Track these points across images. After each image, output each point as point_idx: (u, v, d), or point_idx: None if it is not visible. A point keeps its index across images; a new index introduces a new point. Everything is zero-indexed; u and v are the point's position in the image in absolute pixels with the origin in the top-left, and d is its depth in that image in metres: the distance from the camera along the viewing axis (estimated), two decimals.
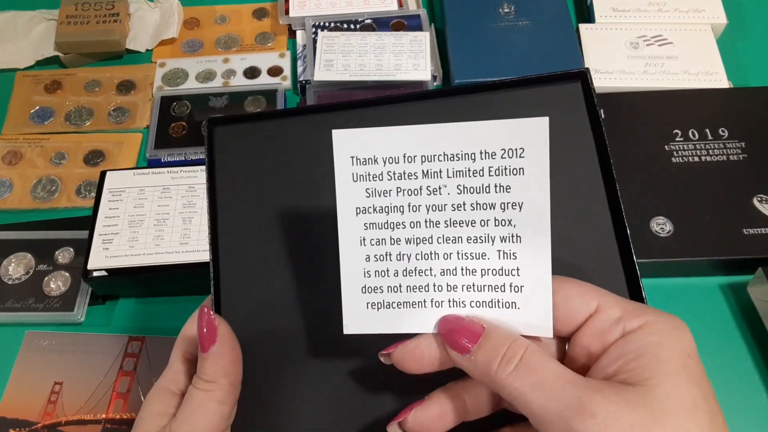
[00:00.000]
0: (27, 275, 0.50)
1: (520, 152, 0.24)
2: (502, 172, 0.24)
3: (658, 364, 0.22)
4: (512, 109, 0.31)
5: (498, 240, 0.24)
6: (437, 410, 0.26)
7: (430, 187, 0.25)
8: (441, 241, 0.25)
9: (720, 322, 0.48)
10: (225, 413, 0.28)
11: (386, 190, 0.25)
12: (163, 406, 0.29)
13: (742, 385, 0.45)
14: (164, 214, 0.49)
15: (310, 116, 0.33)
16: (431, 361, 0.25)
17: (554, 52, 0.60)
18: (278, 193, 0.32)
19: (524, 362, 0.23)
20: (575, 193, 0.30)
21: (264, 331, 0.31)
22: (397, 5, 0.66)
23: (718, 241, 0.48)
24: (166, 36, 0.67)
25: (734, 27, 0.65)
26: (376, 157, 0.25)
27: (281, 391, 0.30)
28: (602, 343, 0.24)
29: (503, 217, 0.24)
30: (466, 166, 0.24)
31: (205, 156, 0.33)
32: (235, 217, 0.32)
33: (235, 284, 0.32)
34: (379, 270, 0.25)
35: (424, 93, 0.32)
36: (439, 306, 0.25)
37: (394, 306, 0.25)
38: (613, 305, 0.24)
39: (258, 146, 0.33)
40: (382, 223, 0.25)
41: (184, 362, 0.30)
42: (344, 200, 0.25)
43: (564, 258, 0.29)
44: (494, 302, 0.25)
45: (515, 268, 0.25)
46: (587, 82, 0.31)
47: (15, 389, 0.46)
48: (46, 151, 0.59)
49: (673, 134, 0.54)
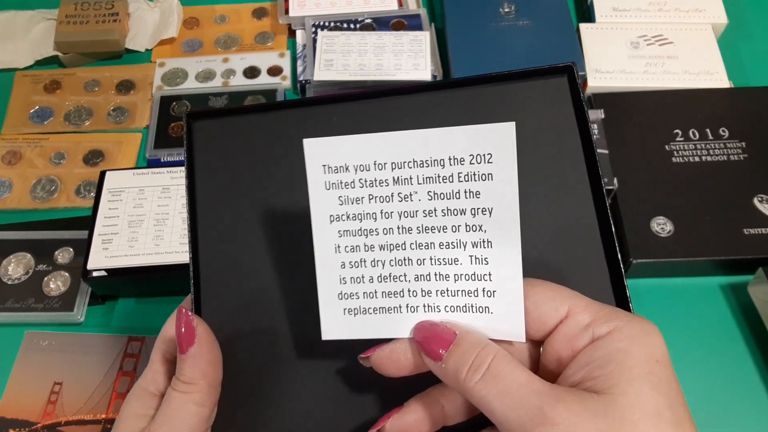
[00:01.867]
0: (27, 275, 0.50)
1: (488, 158, 0.24)
2: (471, 177, 0.24)
3: (622, 371, 0.21)
4: (499, 103, 0.31)
5: (470, 245, 0.25)
6: (415, 417, 0.26)
7: (402, 193, 0.25)
8: (414, 247, 0.25)
9: (720, 323, 0.48)
10: (204, 415, 0.27)
11: (358, 197, 0.25)
12: (142, 407, 0.29)
13: (742, 385, 0.45)
14: (164, 214, 0.49)
15: (294, 110, 0.32)
16: (407, 364, 0.25)
17: (554, 52, 0.60)
18: (261, 190, 0.32)
19: (491, 371, 0.23)
20: (560, 190, 0.30)
21: (245, 332, 0.31)
22: (397, 5, 0.66)
23: (718, 241, 0.48)
24: (165, 36, 0.67)
25: (735, 27, 0.65)
26: (347, 165, 0.25)
27: (263, 393, 0.30)
28: (572, 349, 0.24)
29: (474, 222, 0.24)
30: (436, 172, 0.24)
31: (184, 151, 0.32)
32: (215, 214, 0.32)
33: (215, 283, 0.31)
34: (355, 276, 0.26)
35: (409, 87, 0.32)
36: (415, 311, 0.25)
37: (371, 312, 0.26)
38: (582, 310, 0.24)
39: (239, 141, 0.32)
40: (355, 230, 0.25)
41: (164, 363, 0.30)
42: (318, 208, 0.25)
43: (547, 258, 0.29)
44: (467, 307, 0.25)
45: (487, 273, 0.25)
46: (573, 76, 0.31)
47: (15, 389, 0.46)
48: (46, 151, 0.59)
49: (673, 134, 0.54)
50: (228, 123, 0.33)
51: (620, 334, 0.23)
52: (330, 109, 0.32)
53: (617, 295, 0.29)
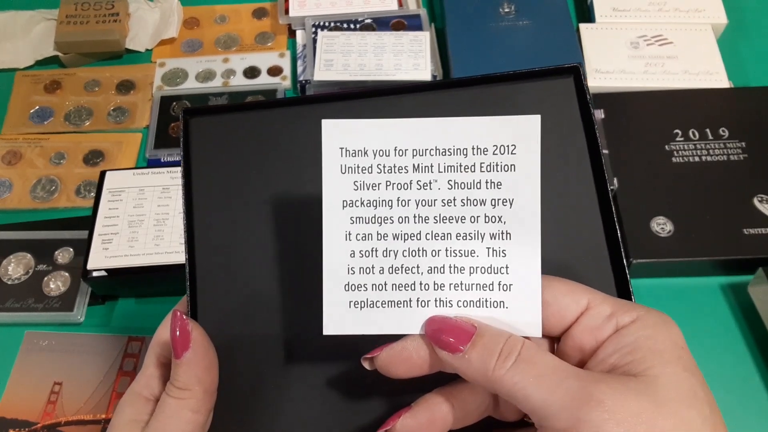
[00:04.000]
0: (26, 275, 0.50)
1: (512, 149, 0.24)
2: (493, 168, 0.24)
3: (654, 355, 0.22)
4: (504, 103, 0.31)
5: (488, 237, 0.24)
6: (427, 416, 0.25)
7: (421, 181, 0.24)
8: (429, 238, 0.24)
9: (720, 323, 0.48)
10: (199, 422, 0.27)
11: (375, 183, 0.24)
12: (135, 412, 0.28)
13: (742, 385, 0.45)
14: (164, 214, 0.49)
15: (294, 108, 0.32)
16: (420, 363, 0.25)
17: (555, 52, 0.60)
18: (259, 188, 0.31)
19: (522, 357, 0.22)
20: (565, 189, 0.30)
21: (243, 335, 0.30)
22: (397, 5, 0.66)
23: (718, 241, 0.48)
24: (165, 36, 0.67)
25: (735, 27, 0.65)
26: (366, 149, 0.24)
27: (261, 398, 0.29)
28: (595, 339, 0.24)
29: (493, 213, 0.24)
30: (458, 161, 0.24)
31: (181, 149, 0.31)
32: (212, 212, 0.31)
33: (212, 285, 0.30)
34: (364, 267, 0.25)
35: (411, 86, 0.31)
36: (425, 305, 0.25)
37: (378, 305, 0.25)
38: (602, 302, 0.24)
39: (238, 139, 0.32)
40: (369, 218, 0.24)
41: (159, 366, 0.29)
42: (330, 192, 0.24)
43: (552, 257, 0.29)
44: (482, 302, 0.24)
45: (504, 266, 0.24)
46: (580, 77, 0.31)
47: (14, 389, 0.46)
48: (46, 151, 0.59)
49: (673, 134, 0.54)
50: (225, 120, 0.32)
51: (644, 322, 0.23)
52: (330, 108, 0.32)
53: (621, 296, 0.29)
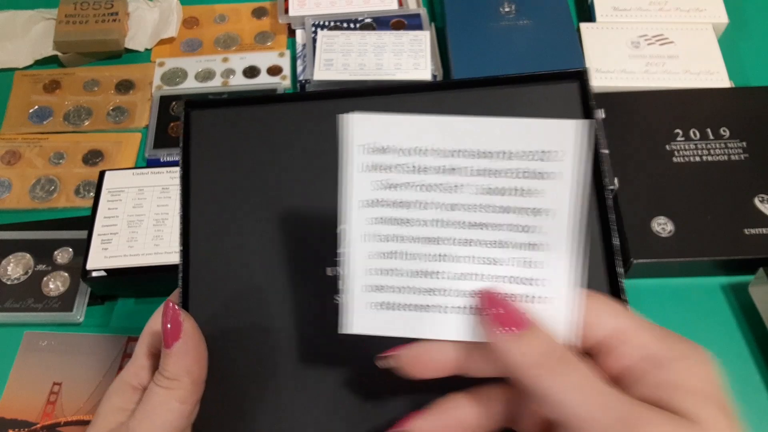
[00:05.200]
0: (26, 275, 0.50)
1: (556, 155, 0.22)
2: (531, 175, 0.22)
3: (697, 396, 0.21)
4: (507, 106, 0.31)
5: (516, 247, 0.23)
6: (442, 421, 0.24)
7: (447, 184, 0.23)
8: (453, 244, 0.23)
9: (721, 323, 0.48)
10: (186, 412, 0.27)
11: (397, 183, 0.23)
12: (122, 401, 0.28)
13: (743, 385, 0.45)
14: (163, 214, 0.49)
15: (297, 104, 0.31)
16: (443, 365, 0.24)
17: (555, 52, 0.60)
18: (258, 183, 0.31)
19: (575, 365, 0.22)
20: None
21: (234, 328, 0.30)
22: (397, 4, 0.66)
23: (719, 241, 0.48)
24: (165, 35, 0.66)
25: (735, 26, 0.65)
26: (389, 147, 0.23)
27: (252, 391, 0.29)
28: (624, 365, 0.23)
29: (527, 222, 0.23)
30: (489, 165, 0.22)
31: (180, 141, 0.31)
32: (209, 206, 0.31)
33: (206, 278, 0.30)
34: (383, 269, 0.24)
35: (414, 86, 0.31)
36: (444, 312, 0.24)
37: (395, 308, 0.24)
38: (638, 328, 0.23)
39: (237, 133, 0.32)
40: (389, 219, 0.23)
41: (149, 357, 0.29)
42: (350, 191, 0.23)
43: None
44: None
45: (530, 277, 0.23)
46: (585, 82, 0.30)
47: (14, 389, 0.46)
48: (45, 151, 0.59)
49: (674, 134, 0.53)
50: (227, 114, 0.32)
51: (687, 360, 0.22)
52: (332, 105, 0.31)
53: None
